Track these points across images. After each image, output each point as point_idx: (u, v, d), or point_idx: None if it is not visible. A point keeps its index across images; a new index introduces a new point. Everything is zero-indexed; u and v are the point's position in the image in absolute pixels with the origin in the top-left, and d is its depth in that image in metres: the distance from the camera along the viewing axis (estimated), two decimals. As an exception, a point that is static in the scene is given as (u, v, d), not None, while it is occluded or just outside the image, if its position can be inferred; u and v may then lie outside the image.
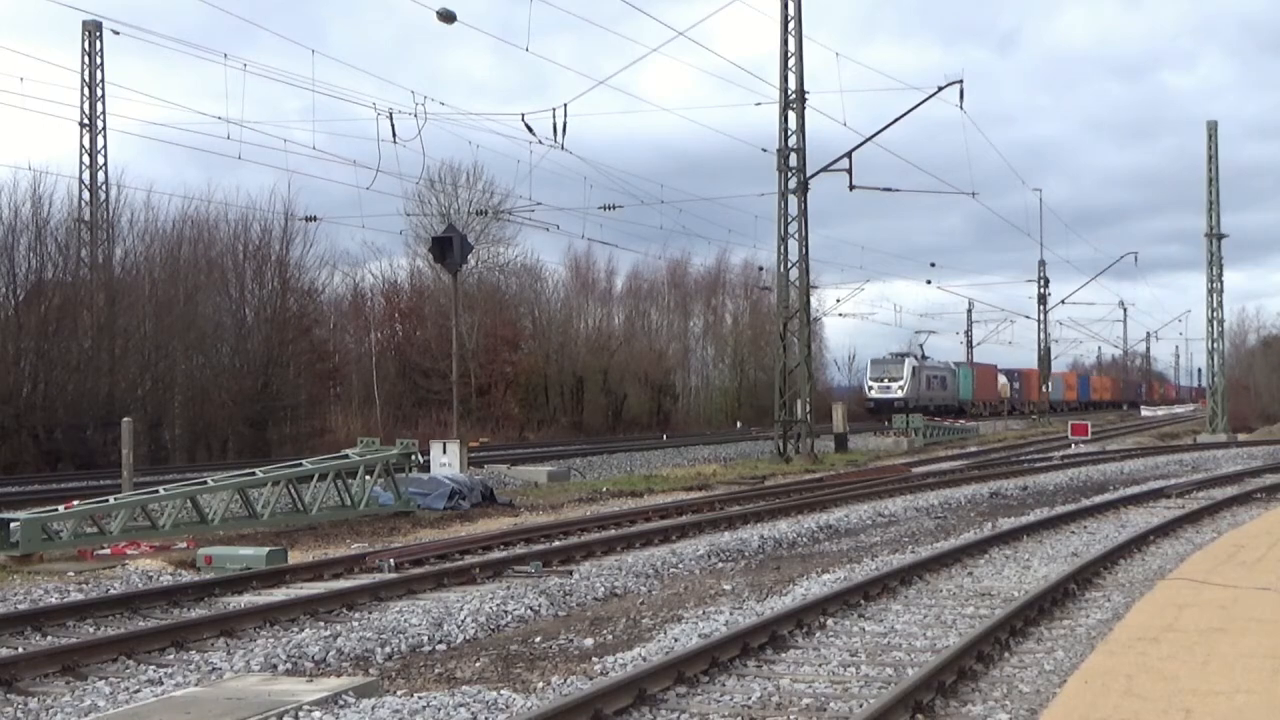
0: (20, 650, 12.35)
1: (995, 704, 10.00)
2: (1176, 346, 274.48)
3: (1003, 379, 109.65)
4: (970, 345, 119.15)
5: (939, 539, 21.15)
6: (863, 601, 14.45)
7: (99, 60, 48.97)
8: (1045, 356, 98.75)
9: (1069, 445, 50.53)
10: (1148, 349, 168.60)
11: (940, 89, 43.51)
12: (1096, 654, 11.33)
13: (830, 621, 13.36)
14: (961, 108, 43.48)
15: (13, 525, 18.06)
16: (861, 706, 9.65)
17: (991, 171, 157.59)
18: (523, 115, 36.61)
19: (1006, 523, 22.72)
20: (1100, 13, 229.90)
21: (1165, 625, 12.62)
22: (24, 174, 76.29)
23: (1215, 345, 64.26)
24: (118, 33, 47.26)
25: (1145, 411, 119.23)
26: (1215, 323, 63.73)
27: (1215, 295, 62.87)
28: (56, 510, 18.97)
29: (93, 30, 48.64)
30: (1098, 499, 27.53)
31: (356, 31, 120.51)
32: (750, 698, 10.21)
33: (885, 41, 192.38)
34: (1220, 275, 62.62)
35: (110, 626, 13.76)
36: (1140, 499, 27.66)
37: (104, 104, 49.41)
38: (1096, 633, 12.66)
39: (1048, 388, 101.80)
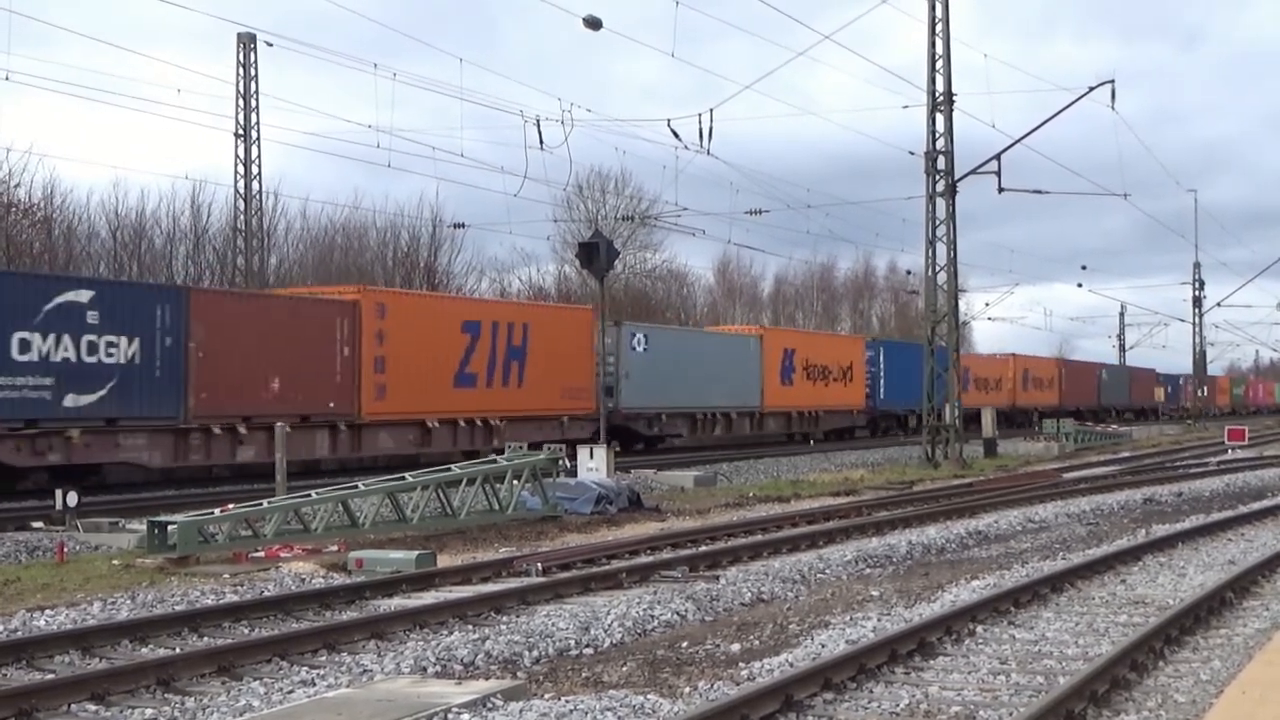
0: (178, 650, 12.62)
1: (1150, 714, 9.83)
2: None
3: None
4: (1122, 349, 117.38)
5: (1091, 545, 20.82)
6: (1013, 609, 14.28)
7: (253, 72, 49.91)
8: (1200, 360, 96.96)
9: (1225, 450, 49.54)
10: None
11: (1091, 89, 42.85)
12: (1254, 664, 11.09)
13: (980, 629, 13.21)
14: (1113, 108, 42.83)
15: (170, 528, 18.45)
16: (1012, 715, 9.54)
17: (1156, 172, 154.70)
18: (668, 120, 36.78)
19: (1160, 529, 22.32)
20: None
21: (1327, 635, 12.32)
22: (183, 184, 78.27)
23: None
24: (271, 44, 48.21)
25: None
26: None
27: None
28: (212, 513, 19.33)
29: (247, 42, 49.56)
30: (1255, 505, 26.90)
31: (530, 39, 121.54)
32: (898, 705, 10.12)
33: (1065, 41, 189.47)
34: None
35: (264, 628, 14.00)
36: (1301, 505, 27.00)
37: (258, 114, 50.35)
38: (1254, 642, 12.39)
39: (1203, 391, 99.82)
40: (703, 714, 9.06)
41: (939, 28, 43.22)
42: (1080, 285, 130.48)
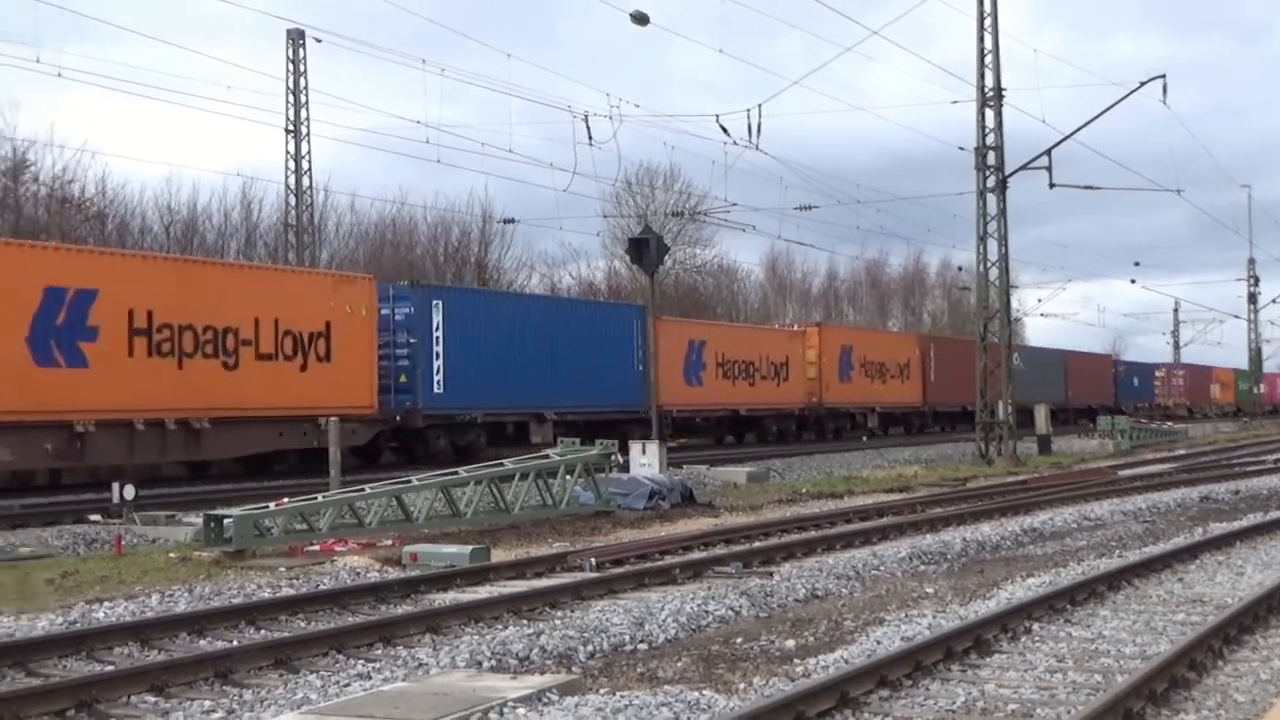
0: (235, 643, 12.70)
1: (1209, 713, 9.74)
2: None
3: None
4: (1177, 346, 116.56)
5: (1147, 543, 20.67)
6: (1069, 606, 14.18)
7: (303, 68, 50.15)
8: (1256, 357, 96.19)
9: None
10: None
11: (1142, 84, 42.64)
12: (1316, 663, 10.99)
13: (1036, 626, 13.13)
14: (1165, 103, 42.56)
15: (227, 522, 18.57)
16: (1069, 713, 9.48)
17: (1210, 167, 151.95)
18: (717, 116, 36.78)
19: (1218, 527, 22.13)
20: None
21: (1389, 635, 12.19)
22: (234, 180, 78.88)
23: None
24: (320, 40, 48.42)
25: None
26: None
27: None
28: (268, 507, 19.46)
29: (296, 39, 49.82)
30: (1314, 504, 26.65)
31: (579, 34, 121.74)
32: (954, 702, 10.08)
33: (1120, 35, 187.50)
34: None
35: (320, 621, 14.06)
36: (1360, 504, 26.73)
37: (308, 110, 50.60)
38: (1315, 641, 12.28)
39: (1259, 388, 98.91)
40: (758, 710, 9.04)
41: (988, 22, 43.09)
42: (1134, 281, 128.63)
